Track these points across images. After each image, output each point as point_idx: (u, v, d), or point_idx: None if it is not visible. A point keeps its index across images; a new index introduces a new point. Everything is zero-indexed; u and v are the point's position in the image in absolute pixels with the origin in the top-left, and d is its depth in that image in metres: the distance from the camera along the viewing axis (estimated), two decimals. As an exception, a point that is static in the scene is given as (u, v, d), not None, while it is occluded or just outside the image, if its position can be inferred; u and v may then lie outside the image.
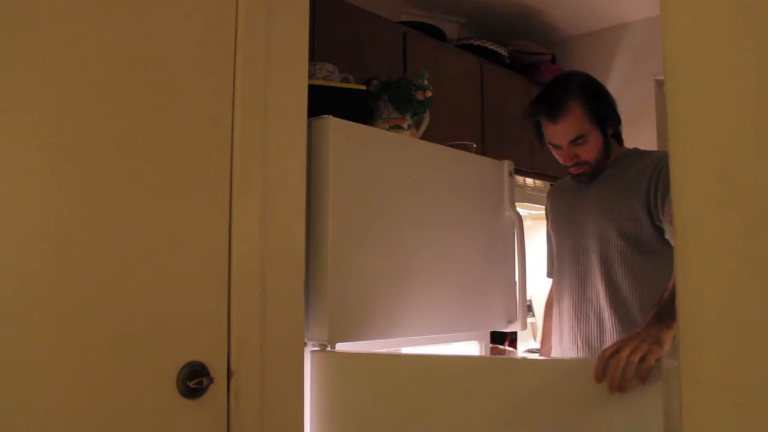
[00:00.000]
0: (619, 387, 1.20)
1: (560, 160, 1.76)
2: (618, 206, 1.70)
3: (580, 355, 1.77)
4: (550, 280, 2.05)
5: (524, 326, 2.14)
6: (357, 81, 1.91)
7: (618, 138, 1.81)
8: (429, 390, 1.38)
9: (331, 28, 2.21)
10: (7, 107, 1.06)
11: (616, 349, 1.24)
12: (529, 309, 3.44)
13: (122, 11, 1.21)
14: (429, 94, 1.95)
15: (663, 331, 1.33)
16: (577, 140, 1.69)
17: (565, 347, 1.83)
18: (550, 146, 1.77)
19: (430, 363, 1.51)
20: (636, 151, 1.80)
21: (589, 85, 1.73)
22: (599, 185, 1.78)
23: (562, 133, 1.69)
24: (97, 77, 1.17)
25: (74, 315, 1.10)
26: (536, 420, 1.24)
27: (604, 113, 1.70)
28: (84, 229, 1.13)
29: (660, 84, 3.20)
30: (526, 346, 3.28)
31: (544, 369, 1.31)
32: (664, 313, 1.41)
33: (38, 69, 1.10)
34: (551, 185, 2.13)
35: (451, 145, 2.01)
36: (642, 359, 1.21)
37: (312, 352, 1.57)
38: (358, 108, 1.82)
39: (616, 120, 1.75)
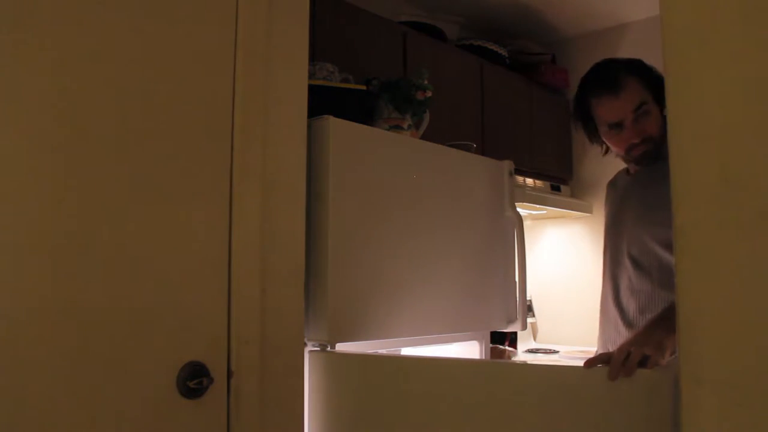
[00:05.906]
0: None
1: (621, 144, 1.64)
2: (653, 212, 1.60)
3: None
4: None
5: (524, 326, 2.14)
6: (357, 81, 1.90)
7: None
8: (428, 391, 1.38)
9: (331, 28, 2.21)
10: (6, 107, 1.06)
11: (611, 356, 1.19)
12: (529, 309, 3.44)
13: (122, 12, 1.21)
14: (429, 94, 1.95)
15: (665, 336, 1.25)
16: (641, 108, 1.59)
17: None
18: (608, 131, 1.65)
19: (429, 364, 1.51)
20: None
21: (635, 60, 1.67)
22: (642, 187, 1.69)
23: (625, 104, 1.59)
24: (98, 78, 1.16)
25: (74, 315, 1.10)
26: (536, 424, 1.24)
27: (658, 84, 1.58)
28: (84, 229, 1.13)
29: (660, 84, 3.19)
30: (526, 346, 3.28)
31: (544, 374, 1.30)
32: (672, 315, 1.36)
33: (38, 71, 1.10)
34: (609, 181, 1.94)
35: (451, 145, 2.01)
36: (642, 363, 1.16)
37: (311, 352, 1.57)
38: (358, 108, 1.82)
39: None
